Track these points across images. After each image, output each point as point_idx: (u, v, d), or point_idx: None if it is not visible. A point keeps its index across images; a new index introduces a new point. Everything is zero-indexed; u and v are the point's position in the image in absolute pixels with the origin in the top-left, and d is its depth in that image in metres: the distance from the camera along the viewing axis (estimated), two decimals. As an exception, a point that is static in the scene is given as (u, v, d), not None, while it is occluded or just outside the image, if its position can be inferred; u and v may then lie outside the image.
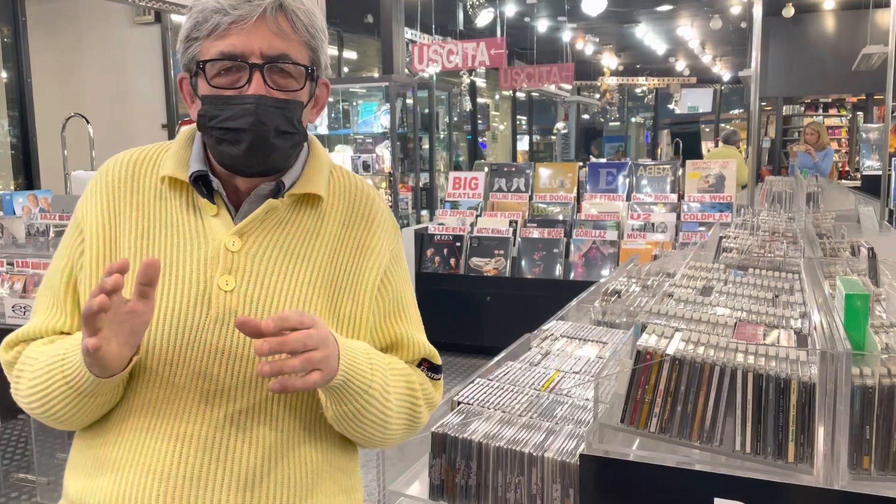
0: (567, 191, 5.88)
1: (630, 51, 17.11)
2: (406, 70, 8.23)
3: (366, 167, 6.58)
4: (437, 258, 5.79)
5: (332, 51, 10.87)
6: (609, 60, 16.19)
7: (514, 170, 6.16)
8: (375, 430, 1.13)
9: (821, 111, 13.98)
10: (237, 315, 1.06)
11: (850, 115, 13.74)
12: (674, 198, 5.56)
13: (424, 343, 1.24)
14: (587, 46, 14.68)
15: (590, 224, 5.52)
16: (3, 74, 6.43)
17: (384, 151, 6.62)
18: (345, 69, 11.81)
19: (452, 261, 5.75)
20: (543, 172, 6.05)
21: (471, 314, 5.64)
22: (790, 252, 2.14)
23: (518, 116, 18.48)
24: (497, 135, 17.67)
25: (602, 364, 1.62)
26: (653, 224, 5.40)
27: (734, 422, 1.12)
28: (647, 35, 14.56)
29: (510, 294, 5.49)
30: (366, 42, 12.29)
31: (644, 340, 1.20)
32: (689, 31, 13.96)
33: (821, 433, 1.08)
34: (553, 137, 19.93)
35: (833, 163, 8.33)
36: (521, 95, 18.27)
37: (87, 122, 5.25)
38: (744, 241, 2.31)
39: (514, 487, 1.31)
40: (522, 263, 5.56)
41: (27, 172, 6.43)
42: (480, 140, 14.51)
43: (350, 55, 12.30)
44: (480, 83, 15.27)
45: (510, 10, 11.25)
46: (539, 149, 20.23)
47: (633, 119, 24.78)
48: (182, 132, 1.21)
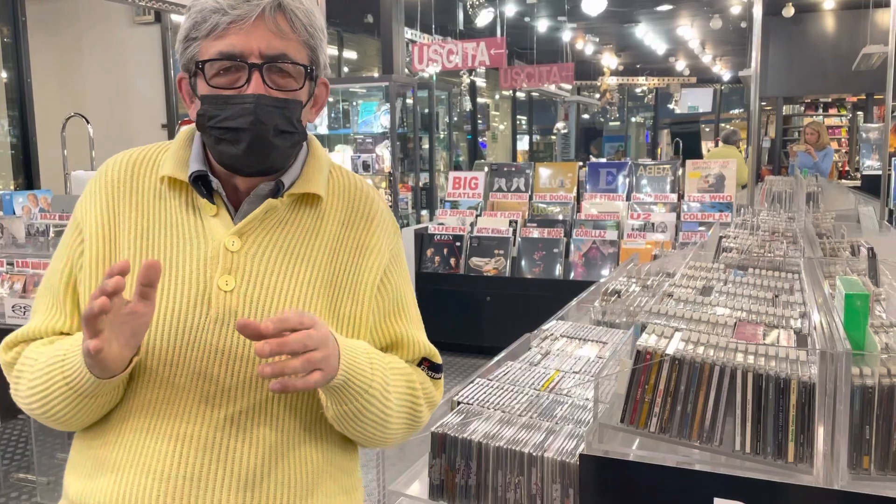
0: (567, 191, 5.87)
1: (630, 51, 17.10)
2: (406, 70, 8.22)
3: (366, 167, 6.58)
4: (437, 258, 5.79)
5: (332, 51, 10.87)
6: (609, 60, 16.19)
7: (514, 170, 6.15)
8: (376, 430, 1.13)
9: (821, 111, 13.97)
10: (237, 315, 1.06)
11: (850, 115, 13.74)
12: (674, 198, 5.56)
13: (424, 342, 1.24)
14: (587, 46, 14.68)
15: (590, 224, 5.52)
16: (3, 74, 6.43)
17: (384, 151, 6.61)
18: (345, 69, 11.81)
19: (452, 261, 5.75)
20: (543, 172, 6.05)
21: (471, 314, 5.64)
22: (790, 252, 2.14)
23: (518, 116, 18.46)
24: (497, 135, 17.67)
25: (602, 364, 1.63)
26: (653, 224, 5.40)
27: (734, 422, 1.12)
28: (647, 35, 14.55)
29: (510, 294, 5.49)
30: (366, 42, 12.29)
31: (644, 340, 1.20)
32: (689, 31, 13.96)
33: (820, 433, 1.08)
34: (553, 137, 19.92)
35: (833, 163, 8.33)
36: (521, 95, 18.26)
37: (87, 122, 5.25)
38: (744, 241, 2.31)
39: (514, 487, 1.31)
40: (522, 263, 5.56)
41: (27, 172, 6.43)
42: (480, 140, 14.50)
43: (350, 55, 12.29)
44: (480, 83, 15.27)
45: (510, 10, 11.24)
46: (539, 149, 20.22)
47: (633, 119, 24.75)
48: (181, 132, 1.21)
